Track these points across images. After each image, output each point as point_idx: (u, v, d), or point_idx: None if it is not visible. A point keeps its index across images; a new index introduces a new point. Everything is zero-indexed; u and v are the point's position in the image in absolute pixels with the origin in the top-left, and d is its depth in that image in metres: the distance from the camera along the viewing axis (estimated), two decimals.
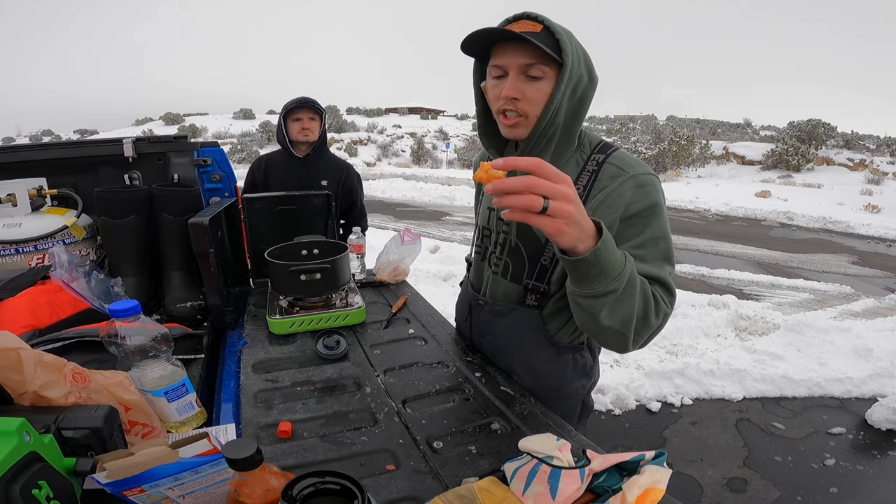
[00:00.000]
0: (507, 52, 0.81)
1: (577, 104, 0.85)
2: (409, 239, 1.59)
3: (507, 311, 1.00)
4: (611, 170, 0.85)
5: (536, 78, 0.81)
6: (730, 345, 3.40)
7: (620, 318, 0.71)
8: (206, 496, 0.54)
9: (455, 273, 4.46)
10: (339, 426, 0.82)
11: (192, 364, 0.99)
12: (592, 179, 0.85)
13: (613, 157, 0.86)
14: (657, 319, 0.75)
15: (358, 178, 2.32)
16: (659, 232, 0.81)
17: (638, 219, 0.81)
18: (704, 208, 10.61)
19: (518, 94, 0.82)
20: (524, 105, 0.83)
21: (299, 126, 2.09)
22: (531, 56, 0.79)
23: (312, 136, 2.11)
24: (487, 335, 1.07)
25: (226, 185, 1.63)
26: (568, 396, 1.03)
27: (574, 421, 1.06)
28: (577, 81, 0.82)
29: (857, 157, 17.45)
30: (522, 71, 0.81)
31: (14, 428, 0.44)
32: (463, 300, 1.18)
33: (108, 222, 1.22)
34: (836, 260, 6.45)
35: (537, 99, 0.82)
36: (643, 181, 0.82)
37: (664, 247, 0.81)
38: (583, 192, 0.85)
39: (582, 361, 1.01)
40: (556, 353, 0.98)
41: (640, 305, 0.72)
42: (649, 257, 0.80)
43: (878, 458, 2.30)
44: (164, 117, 33.18)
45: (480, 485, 0.62)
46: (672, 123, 30.14)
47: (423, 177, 15.34)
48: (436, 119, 39.55)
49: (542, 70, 0.80)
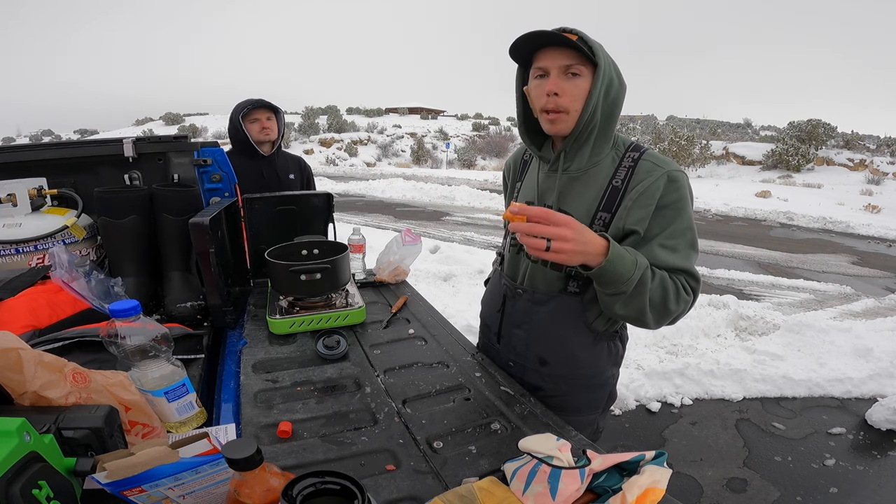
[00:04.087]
0: (549, 55, 0.91)
1: (611, 104, 0.93)
2: (409, 239, 1.59)
3: (548, 299, 1.04)
4: (646, 166, 0.93)
5: (575, 76, 0.90)
6: (730, 345, 3.40)
7: (633, 310, 0.87)
8: (206, 496, 0.54)
9: (455, 273, 4.46)
10: (339, 426, 0.82)
11: (192, 364, 0.99)
12: (630, 174, 0.94)
13: (647, 155, 0.96)
14: (677, 306, 0.88)
15: (310, 168, 2.45)
16: (686, 223, 0.92)
17: (668, 210, 0.91)
18: (704, 208, 10.61)
19: (559, 90, 0.90)
20: (565, 101, 0.91)
21: (259, 126, 2.11)
22: (570, 58, 0.89)
23: (273, 135, 2.14)
24: (524, 324, 1.09)
25: (226, 185, 1.63)
26: (601, 385, 1.09)
27: (600, 410, 1.12)
28: (610, 83, 0.91)
29: (858, 158, 17.46)
30: (563, 71, 0.90)
31: (14, 428, 0.44)
32: (494, 293, 1.19)
33: (108, 222, 1.21)
34: (836, 260, 6.45)
35: (576, 95, 0.91)
36: (675, 177, 0.92)
37: (690, 237, 0.92)
38: (621, 185, 0.95)
39: (615, 350, 1.07)
40: (594, 340, 1.03)
41: (657, 297, 0.86)
42: (680, 247, 0.91)
43: (878, 459, 2.30)
44: (164, 117, 33.19)
45: (480, 485, 0.62)
46: (672, 123, 30.14)
47: (423, 177, 15.34)
48: (436, 119, 39.57)
49: (579, 69, 0.90)
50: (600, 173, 0.97)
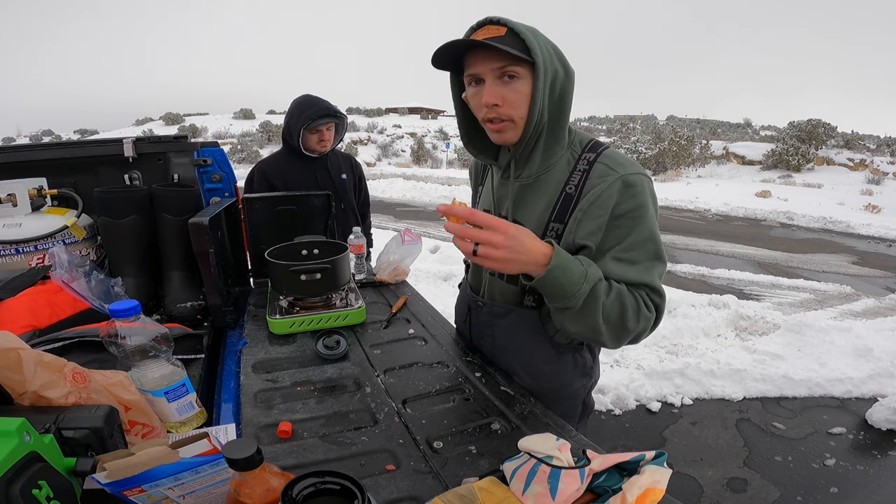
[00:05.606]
0: (477, 59, 0.81)
1: (558, 100, 0.85)
2: (409, 239, 1.59)
3: (506, 312, 1.00)
4: (601, 169, 0.85)
5: (513, 78, 0.80)
6: (730, 345, 3.40)
7: (585, 327, 0.80)
8: (206, 496, 0.54)
9: (455, 273, 4.46)
10: (339, 426, 0.82)
11: (192, 364, 0.99)
12: (584, 178, 0.86)
13: (604, 157, 0.87)
14: (637, 323, 0.80)
15: (361, 167, 2.38)
16: (646, 233, 0.83)
17: (624, 220, 0.82)
18: (704, 208, 10.60)
19: (498, 100, 0.82)
20: (507, 109, 0.83)
21: (318, 138, 1.98)
22: (502, 59, 0.79)
23: (329, 146, 2.04)
24: (487, 336, 1.07)
25: (226, 185, 1.63)
26: (569, 396, 1.03)
27: (575, 421, 1.06)
28: (554, 77, 0.82)
29: (858, 157, 17.45)
30: (498, 76, 0.81)
31: (14, 428, 0.44)
32: (462, 302, 1.18)
33: (108, 222, 1.22)
34: (836, 260, 6.45)
35: (517, 101, 0.82)
36: (631, 181, 0.82)
37: (653, 248, 0.83)
38: (574, 192, 0.86)
39: (582, 361, 1.01)
40: (556, 353, 0.98)
41: (613, 314, 0.78)
42: (639, 260, 0.82)
43: (878, 458, 2.30)
44: (164, 117, 33.18)
45: (480, 485, 0.62)
46: (672, 123, 30.12)
47: (423, 177, 15.33)
48: (436, 119, 39.55)
49: (515, 71, 0.80)
50: (554, 178, 0.89)
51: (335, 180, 2.11)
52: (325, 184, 2.05)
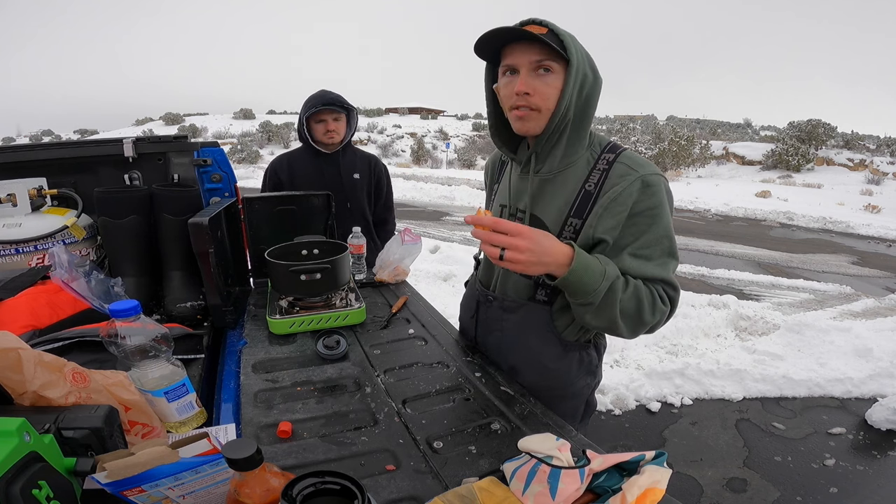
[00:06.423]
0: (517, 51, 0.86)
1: (584, 102, 0.88)
2: (409, 239, 1.59)
3: (517, 307, 1.02)
4: (621, 168, 0.88)
5: (547, 72, 0.85)
6: (730, 345, 3.40)
7: (604, 320, 0.85)
8: (206, 496, 0.54)
9: (455, 273, 4.46)
10: (339, 426, 0.82)
11: (192, 364, 0.99)
12: (603, 177, 0.89)
13: (623, 157, 0.90)
14: (653, 316, 0.85)
15: (385, 169, 2.21)
16: (662, 231, 0.87)
17: (642, 217, 0.86)
18: (704, 208, 10.61)
19: (530, 90, 0.86)
20: (536, 99, 0.86)
21: (323, 128, 1.92)
22: (540, 53, 0.84)
23: (338, 138, 1.96)
24: (495, 332, 1.07)
25: (226, 185, 1.63)
26: (573, 395, 1.04)
27: (577, 420, 1.07)
28: (584, 79, 0.86)
29: (857, 157, 17.46)
30: (533, 68, 0.85)
31: (14, 428, 0.44)
32: (470, 297, 1.18)
33: (108, 222, 1.21)
34: (836, 260, 6.45)
35: (548, 93, 0.86)
36: (650, 181, 0.86)
37: (668, 245, 0.87)
38: (594, 189, 0.90)
39: (588, 359, 1.03)
40: (564, 350, 0.99)
41: (630, 307, 0.84)
42: (654, 256, 0.87)
43: (878, 458, 2.30)
44: (164, 117, 33.19)
45: (480, 485, 0.62)
46: (672, 123, 30.12)
47: (423, 177, 15.34)
48: (436, 119, 39.56)
49: (550, 65, 0.84)
50: (573, 176, 0.92)
51: (345, 179, 2.02)
52: (331, 181, 1.98)
